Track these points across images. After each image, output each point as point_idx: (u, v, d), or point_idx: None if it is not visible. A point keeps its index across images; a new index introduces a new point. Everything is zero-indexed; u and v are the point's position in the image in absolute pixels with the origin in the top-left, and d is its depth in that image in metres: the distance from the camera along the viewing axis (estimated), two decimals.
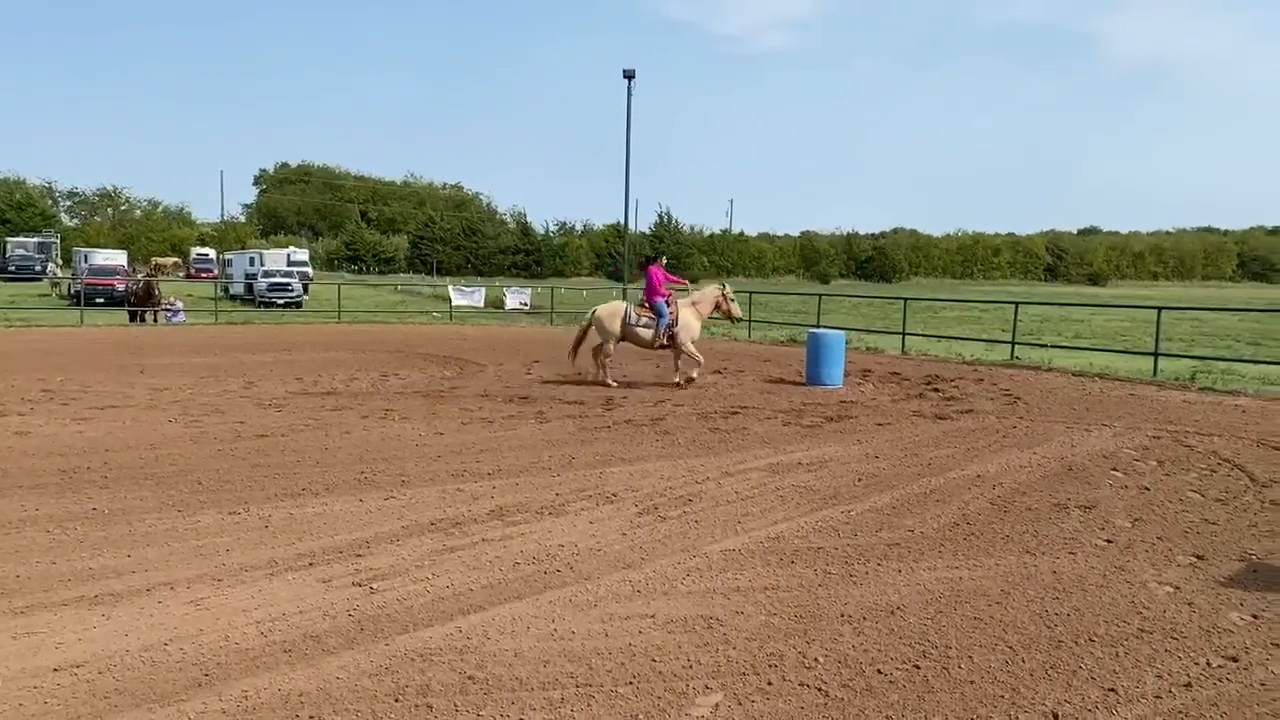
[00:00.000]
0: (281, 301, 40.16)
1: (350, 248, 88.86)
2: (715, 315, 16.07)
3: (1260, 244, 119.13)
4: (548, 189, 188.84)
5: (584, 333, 15.79)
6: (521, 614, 5.13)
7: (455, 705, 4.07)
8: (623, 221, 39.39)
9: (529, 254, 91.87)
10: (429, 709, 4.05)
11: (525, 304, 38.22)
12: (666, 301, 15.18)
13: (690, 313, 15.44)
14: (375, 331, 28.72)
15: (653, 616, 5.10)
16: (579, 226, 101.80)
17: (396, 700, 4.12)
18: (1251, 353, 22.12)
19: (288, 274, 44.44)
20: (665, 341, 15.18)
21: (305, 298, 42.75)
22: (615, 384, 15.13)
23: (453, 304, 36.54)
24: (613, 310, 15.42)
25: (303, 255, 59.84)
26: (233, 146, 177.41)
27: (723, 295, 15.82)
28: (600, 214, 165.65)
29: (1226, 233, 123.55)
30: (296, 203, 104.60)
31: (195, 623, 4.97)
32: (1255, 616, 5.20)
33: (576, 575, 5.78)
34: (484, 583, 5.63)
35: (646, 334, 15.19)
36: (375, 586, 5.56)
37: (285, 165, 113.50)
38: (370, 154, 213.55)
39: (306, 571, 5.83)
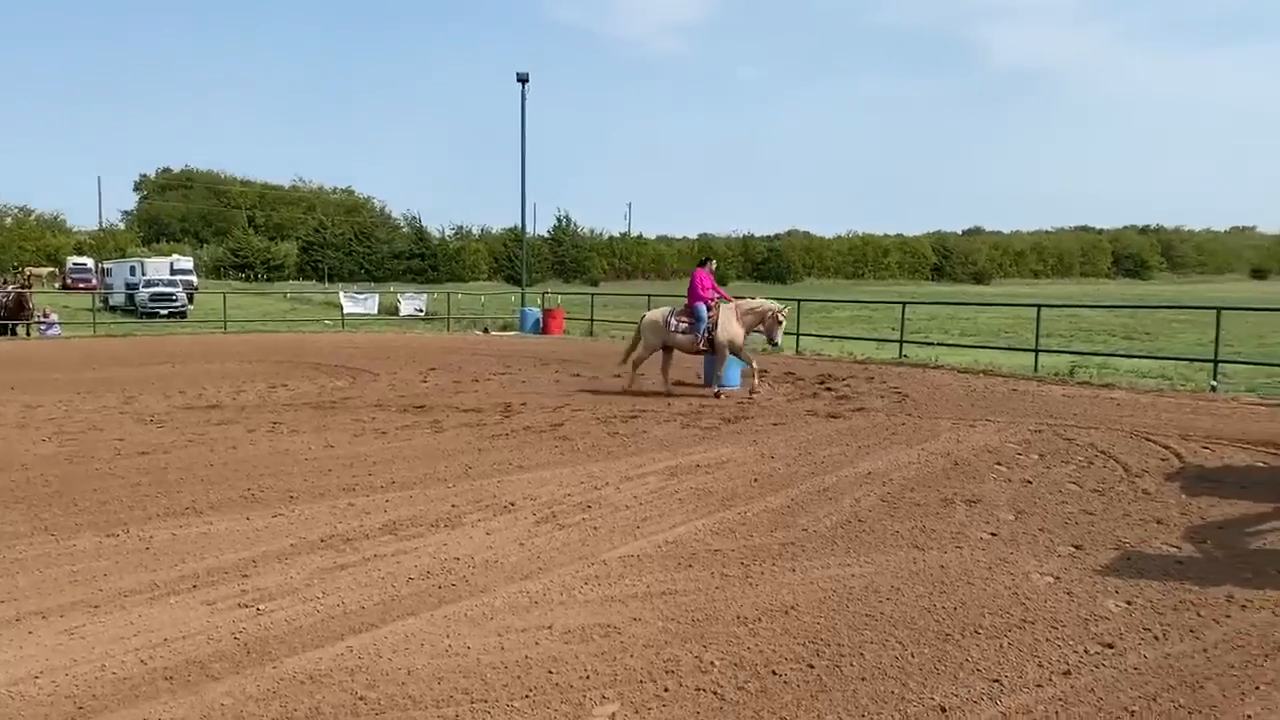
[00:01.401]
0: (165, 312, 38.78)
1: (237, 255, 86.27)
2: (757, 331, 14.78)
3: (1133, 243, 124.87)
4: (444, 193, 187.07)
5: (635, 342, 15.46)
6: (415, 630, 5.03)
7: None
8: (520, 225, 39.09)
9: (424, 259, 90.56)
10: None
11: (420, 310, 37.63)
12: (707, 305, 14.65)
13: (733, 318, 14.56)
14: (263, 341, 27.92)
15: (550, 627, 5.06)
16: (476, 230, 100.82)
17: None
18: (1126, 347, 23.18)
19: (171, 283, 42.96)
20: (704, 347, 14.67)
21: (190, 308, 41.37)
22: (629, 387, 15.00)
23: (344, 311, 35.76)
24: (654, 317, 15.09)
25: (187, 263, 57.84)
26: (110, 151, 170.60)
27: (774, 314, 14.47)
28: (498, 218, 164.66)
29: (1102, 232, 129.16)
30: (180, 209, 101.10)
31: (69, 653, 4.74)
32: (1129, 603, 5.43)
33: (472, 588, 5.70)
34: (376, 600, 5.51)
35: (685, 339, 14.74)
36: (262, 607, 5.38)
37: (167, 170, 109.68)
38: (257, 158, 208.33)
39: (190, 594, 5.61)
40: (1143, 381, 16.03)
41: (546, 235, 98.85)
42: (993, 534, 6.86)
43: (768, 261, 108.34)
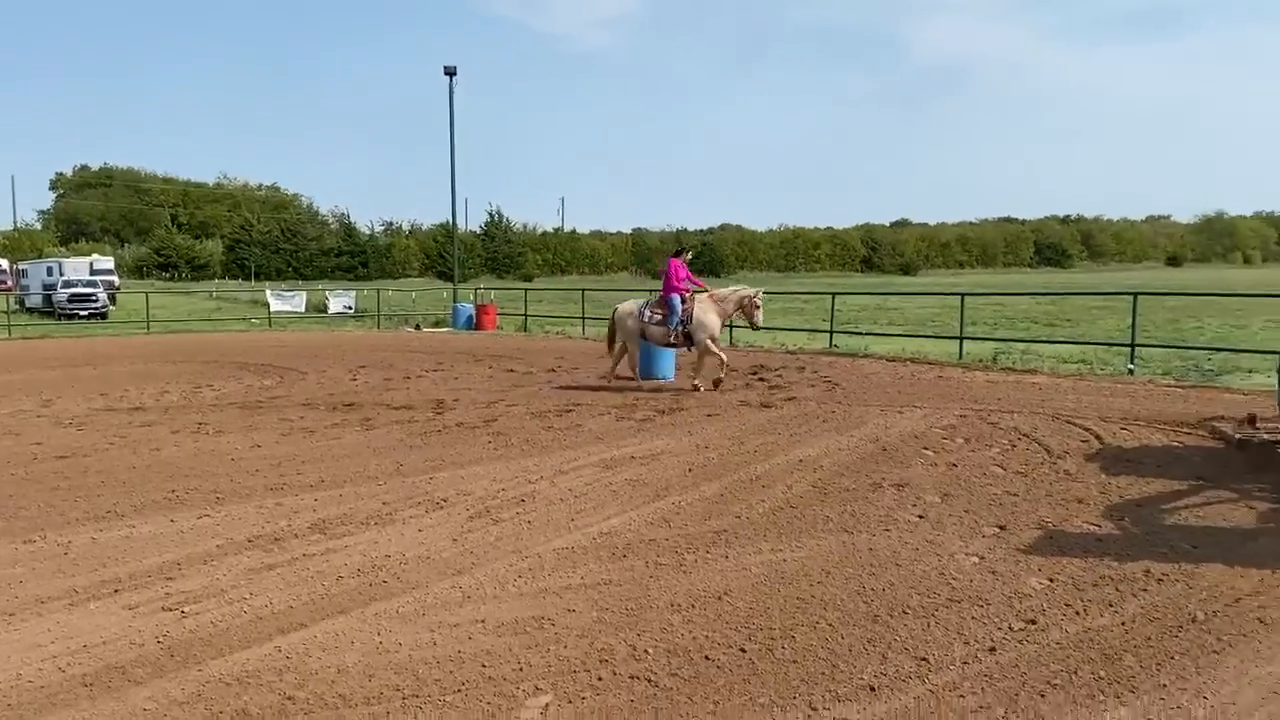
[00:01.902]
0: (85, 313, 37.69)
1: (160, 254, 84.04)
2: (738, 318, 14.82)
3: (1054, 232, 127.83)
4: (373, 188, 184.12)
5: (612, 333, 15.08)
6: (345, 629, 4.97)
7: None
8: (451, 221, 38.71)
9: (353, 255, 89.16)
10: None
11: (349, 307, 37.09)
12: (682, 297, 14.29)
13: (709, 307, 14.31)
14: (188, 341, 27.29)
15: (483, 621, 5.04)
16: (407, 226, 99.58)
17: None
18: (1048, 334, 23.76)
19: (91, 283, 41.74)
20: (678, 340, 14.35)
21: (111, 308, 40.26)
22: (615, 380, 14.77)
23: (271, 310, 35.11)
24: (629, 309, 14.68)
25: (107, 263, 56.13)
26: (24, 149, 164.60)
27: (752, 298, 14.43)
28: (429, 213, 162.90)
29: (1024, 222, 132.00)
30: (99, 208, 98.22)
31: None
32: (1051, 580, 5.57)
33: (404, 585, 5.65)
34: (305, 599, 5.43)
35: (659, 331, 14.37)
36: (187, 610, 5.27)
37: (85, 168, 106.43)
38: (178, 155, 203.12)
39: (111, 599, 5.47)
40: (1064, 366, 16.46)
41: (479, 231, 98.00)
42: (920, 516, 6.99)
43: (701, 255, 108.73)
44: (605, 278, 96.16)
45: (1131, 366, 15.82)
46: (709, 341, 14.20)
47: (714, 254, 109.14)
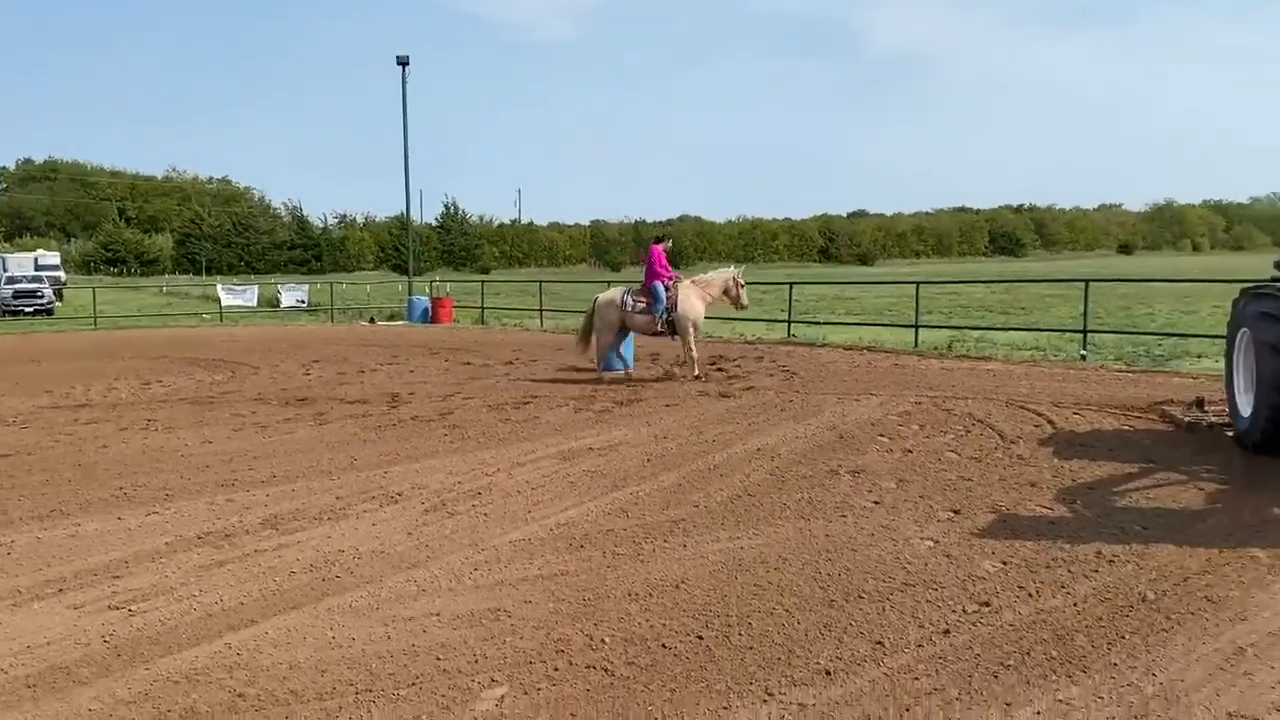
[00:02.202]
0: (30, 310, 36.84)
1: (108, 249, 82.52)
2: (723, 302, 14.86)
3: (1007, 221, 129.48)
4: (326, 181, 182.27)
5: (589, 323, 14.74)
6: (297, 624, 4.89)
7: None
8: (405, 213, 38.36)
9: (307, 249, 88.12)
10: None
11: (302, 301, 36.62)
12: (666, 285, 14.13)
13: (693, 295, 14.26)
14: (137, 337, 26.80)
15: (438, 615, 4.98)
16: (361, 219, 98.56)
17: None
18: (1002, 321, 24.05)
19: (36, 279, 40.89)
20: (663, 328, 14.17)
21: (57, 304, 39.45)
22: (600, 371, 14.53)
23: (223, 305, 34.58)
24: (610, 298, 14.37)
25: (53, 258, 54.98)
26: None
27: (734, 280, 14.59)
28: (384, 205, 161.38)
29: (979, 212, 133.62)
30: (44, 202, 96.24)
31: None
32: (1005, 563, 5.62)
33: (357, 579, 5.57)
34: (256, 595, 5.34)
35: (643, 320, 14.13)
36: (134, 609, 5.16)
37: (29, 162, 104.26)
38: (126, 148, 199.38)
39: (56, 599, 5.34)
40: (1017, 353, 16.67)
41: (434, 223, 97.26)
42: (876, 502, 7.03)
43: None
44: (563, 270, 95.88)
45: (1084, 352, 16.05)
46: (690, 330, 14.16)
47: (673, 245, 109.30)
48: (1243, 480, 7.42)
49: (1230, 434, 8.91)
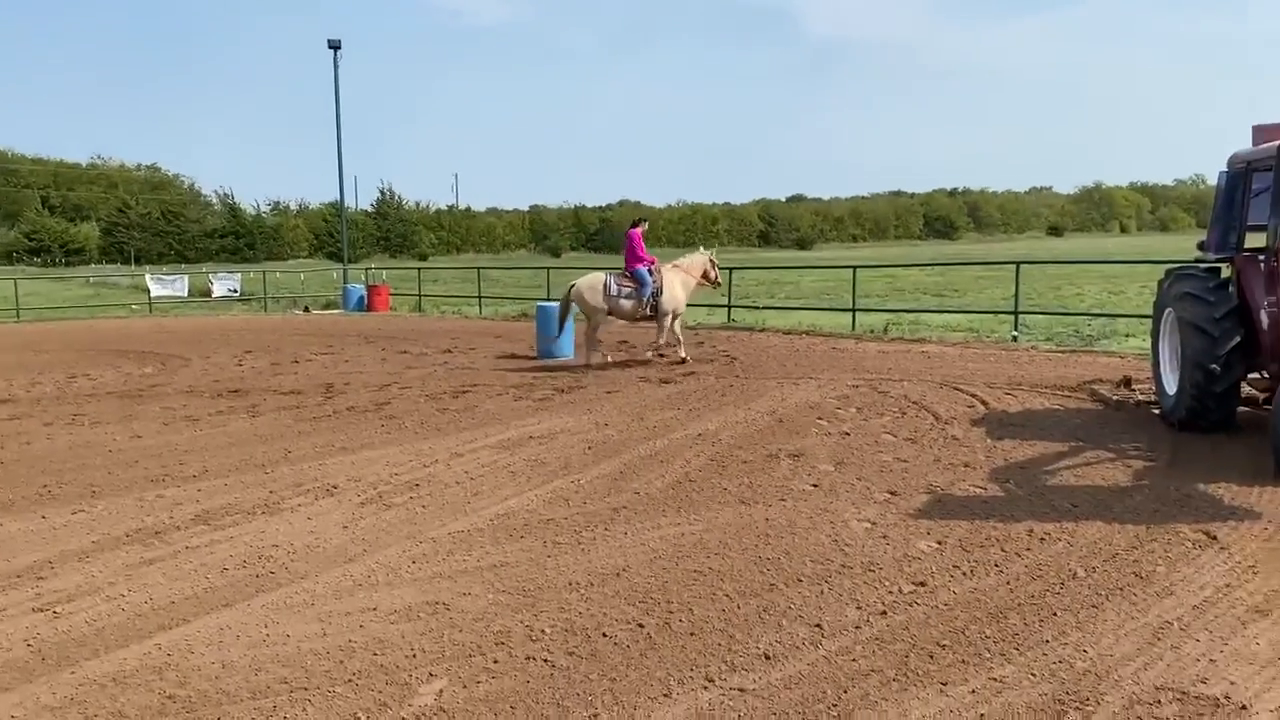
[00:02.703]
0: None
1: (31, 238, 79.89)
2: (701, 284, 14.94)
3: (942, 205, 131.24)
4: (258, 167, 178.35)
5: (565, 309, 14.44)
6: (230, 622, 4.78)
7: None
8: (340, 199, 37.72)
9: (239, 237, 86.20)
10: None
11: (235, 290, 35.79)
12: (649, 270, 14.07)
13: (677, 279, 14.26)
14: (63, 330, 26.02)
15: (375, 609, 4.91)
16: (294, 206, 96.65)
17: None
18: (936, 304, 24.41)
19: None
20: (649, 311, 14.05)
21: None
22: (609, 359, 14.34)
23: (152, 295, 33.71)
24: (592, 283, 14.04)
25: None
26: None
27: (710, 261, 14.80)
28: (318, 192, 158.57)
29: (914, 196, 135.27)
30: None
31: None
32: (940, 543, 5.71)
33: (292, 575, 5.47)
34: (188, 593, 5.21)
35: (629, 305, 13.95)
36: (60, 610, 5.01)
37: None
38: (48, 135, 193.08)
39: None
40: (951, 335, 16.94)
41: (369, 209, 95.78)
42: (814, 485, 7.09)
43: (600, 232, 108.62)
44: (502, 256, 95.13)
45: (1015, 334, 16.36)
46: (671, 316, 14.14)
47: (613, 231, 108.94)
48: (1168, 457, 7.62)
49: (1156, 412, 9.15)
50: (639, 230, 14.70)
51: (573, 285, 14.40)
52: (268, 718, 3.80)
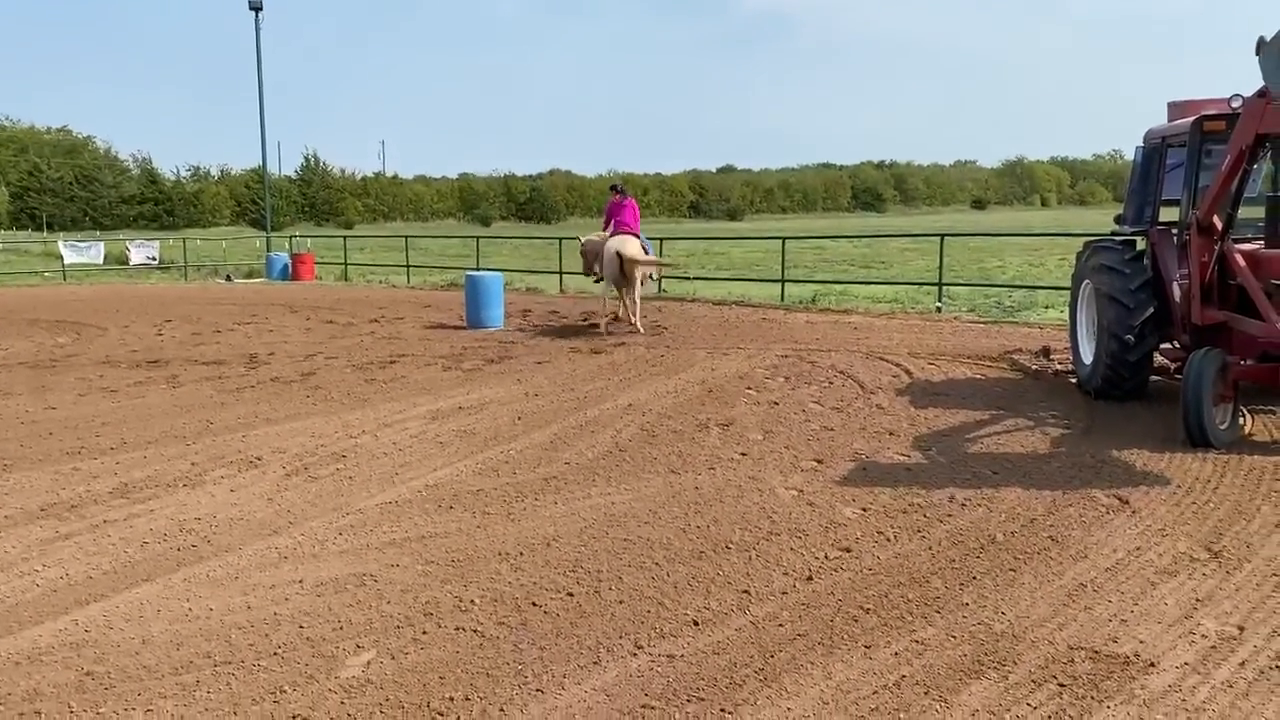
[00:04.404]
0: None
1: None
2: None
3: (870, 177, 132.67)
4: (178, 131, 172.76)
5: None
6: (151, 597, 4.68)
7: (69, 706, 3.65)
8: (262, 165, 36.80)
9: (158, 203, 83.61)
10: (37, 715, 3.60)
11: (153, 258, 34.72)
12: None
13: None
14: None
15: (301, 582, 4.84)
16: (216, 172, 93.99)
17: None
18: (863, 275, 24.74)
19: None
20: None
21: None
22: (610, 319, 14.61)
23: (65, 262, 32.57)
24: (624, 243, 13.84)
25: None
26: None
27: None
28: (240, 157, 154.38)
29: (842, 168, 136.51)
30: None
31: None
32: (864, 510, 5.82)
33: (215, 548, 5.37)
34: (106, 568, 5.09)
35: (647, 271, 14.46)
36: None
37: None
38: None
39: None
40: (878, 306, 17.19)
41: (294, 176, 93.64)
42: (743, 454, 7.16)
43: (531, 201, 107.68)
44: (430, 225, 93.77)
45: (939, 304, 16.66)
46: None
47: (544, 200, 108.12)
48: (1084, 425, 7.85)
49: (1074, 381, 9.42)
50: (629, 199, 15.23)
51: (608, 245, 14.08)
52: (190, 693, 3.73)
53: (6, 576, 5.00)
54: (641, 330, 14.05)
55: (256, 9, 32.01)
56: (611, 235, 14.40)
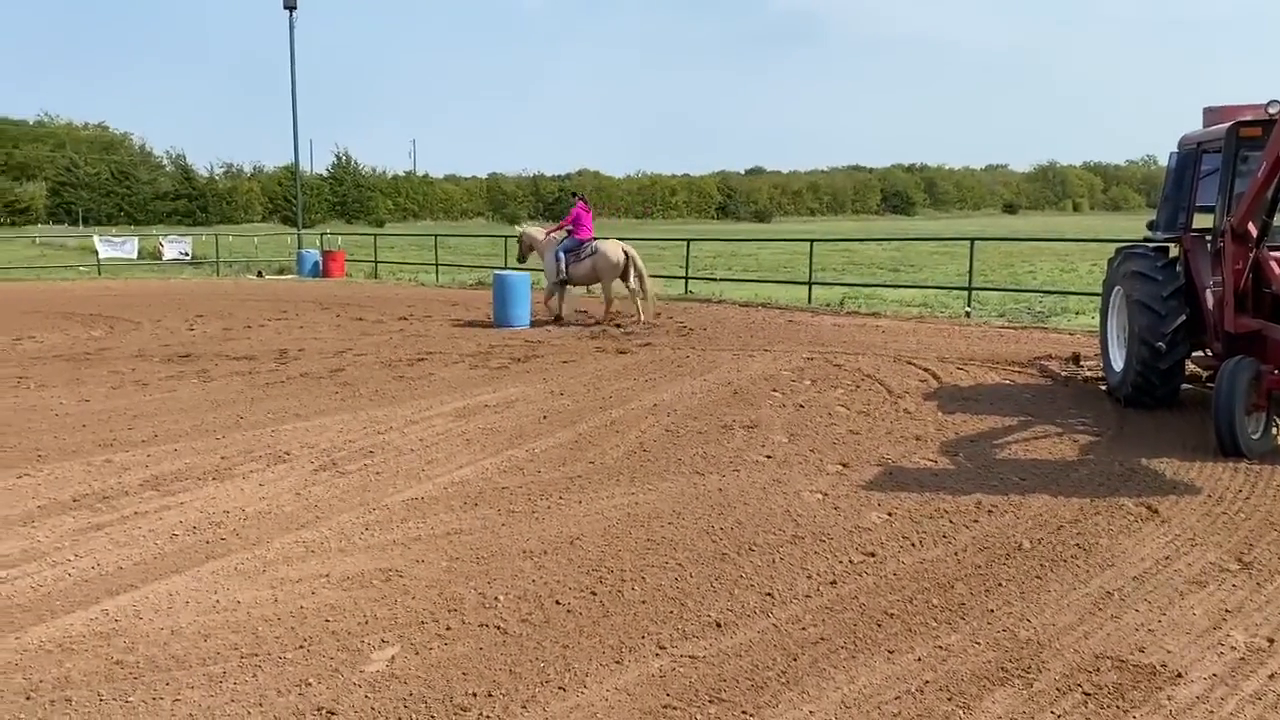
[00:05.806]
0: None
1: None
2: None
3: (899, 180, 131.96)
4: (212, 129, 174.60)
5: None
6: (180, 588, 4.74)
7: (99, 695, 3.70)
8: (295, 163, 37.12)
9: (191, 199, 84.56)
10: (68, 703, 3.65)
11: (186, 254, 35.09)
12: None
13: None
14: (7, 291, 25.42)
15: (327, 576, 4.89)
16: (249, 169, 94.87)
17: (28, 698, 3.69)
18: (891, 279, 24.59)
19: None
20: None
21: None
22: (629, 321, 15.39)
23: (100, 257, 33.00)
24: (625, 248, 15.48)
25: None
26: None
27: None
28: (273, 155, 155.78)
29: (872, 170, 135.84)
30: None
31: None
32: (890, 514, 5.79)
33: (243, 541, 5.43)
34: (136, 559, 5.16)
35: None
36: (3, 576, 4.93)
37: None
38: None
39: None
40: (906, 310, 17.09)
41: (325, 174, 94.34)
42: (768, 456, 7.15)
43: (559, 201, 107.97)
44: (459, 224, 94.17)
45: (968, 309, 16.54)
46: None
47: (571, 200, 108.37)
48: (1113, 432, 7.78)
49: (1104, 388, 9.33)
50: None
51: (625, 249, 15.51)
52: (217, 684, 3.78)
53: (39, 566, 5.08)
54: (655, 322, 15.19)
55: (291, 8, 32.29)
56: (596, 240, 15.76)
